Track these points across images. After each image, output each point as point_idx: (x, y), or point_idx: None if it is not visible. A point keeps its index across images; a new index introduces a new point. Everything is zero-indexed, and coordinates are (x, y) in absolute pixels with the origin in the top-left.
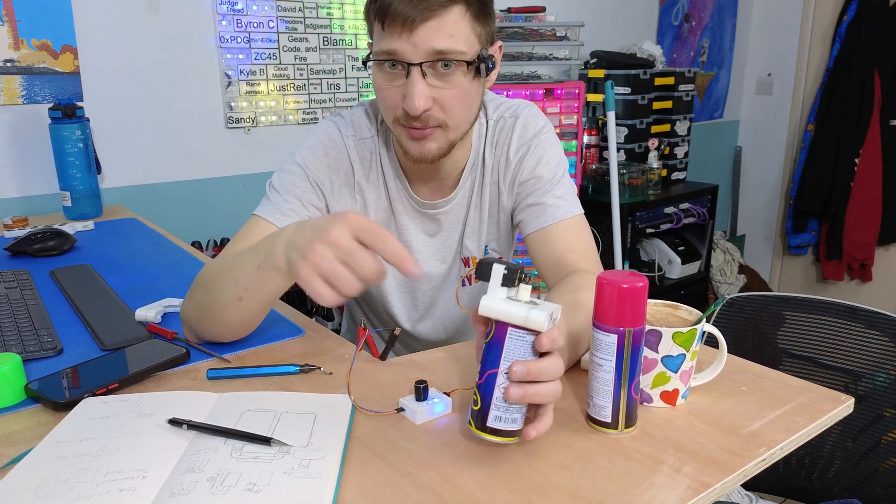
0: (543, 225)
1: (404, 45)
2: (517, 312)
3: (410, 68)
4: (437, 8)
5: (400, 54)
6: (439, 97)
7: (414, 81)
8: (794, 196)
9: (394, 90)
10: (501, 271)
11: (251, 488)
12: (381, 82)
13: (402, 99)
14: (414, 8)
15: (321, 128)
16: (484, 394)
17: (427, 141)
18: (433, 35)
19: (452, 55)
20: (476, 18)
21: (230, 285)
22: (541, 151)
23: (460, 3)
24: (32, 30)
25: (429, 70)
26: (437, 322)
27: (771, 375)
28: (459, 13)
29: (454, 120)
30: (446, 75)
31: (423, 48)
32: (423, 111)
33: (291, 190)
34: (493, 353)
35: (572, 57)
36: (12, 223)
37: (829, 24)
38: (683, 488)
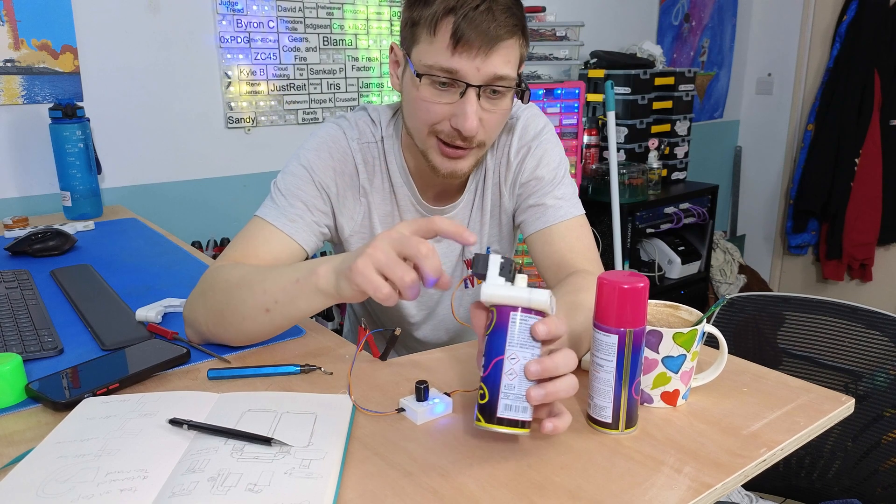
0: (544, 226)
1: (468, 67)
2: (519, 294)
3: (468, 89)
4: (507, 36)
5: (461, 74)
6: (485, 119)
7: (472, 102)
8: (794, 196)
9: (441, 106)
10: (498, 261)
11: (252, 488)
12: (429, 96)
13: (448, 116)
14: (491, 33)
15: (325, 130)
16: (491, 385)
17: (463, 159)
18: (498, 61)
19: (507, 81)
20: (522, 44)
21: (258, 296)
22: (541, 152)
23: (519, 31)
24: (32, 30)
25: (483, 93)
26: (439, 324)
27: (771, 376)
28: (517, 40)
29: (491, 140)
30: (496, 99)
31: (486, 72)
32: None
33: (297, 194)
34: (497, 340)
35: (572, 57)
36: (12, 223)
37: (829, 24)
38: (684, 489)
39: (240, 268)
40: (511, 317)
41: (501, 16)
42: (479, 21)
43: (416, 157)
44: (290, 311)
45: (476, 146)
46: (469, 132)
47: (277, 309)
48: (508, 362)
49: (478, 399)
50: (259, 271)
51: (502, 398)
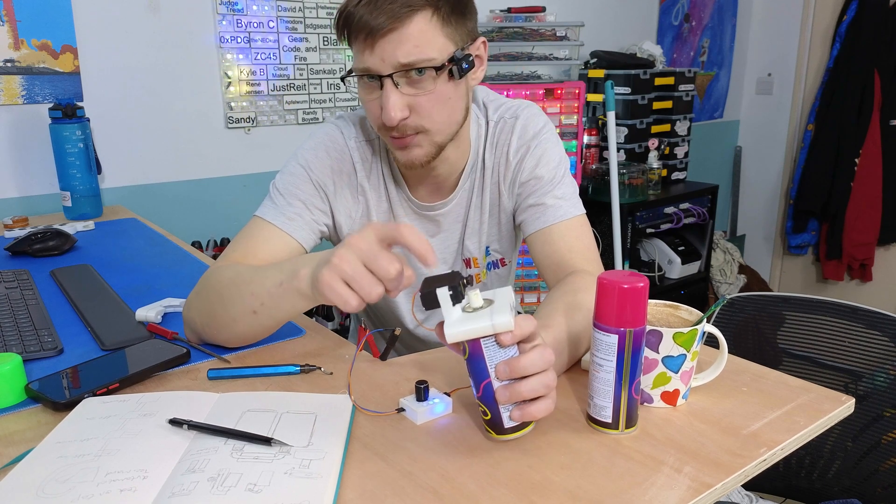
0: (544, 225)
1: (373, 59)
2: (482, 325)
3: (383, 80)
4: (397, 19)
5: (371, 69)
6: (414, 104)
7: (387, 93)
8: (794, 196)
9: (373, 102)
10: (446, 294)
11: (252, 488)
12: (363, 95)
13: (381, 110)
14: (374, 20)
15: (324, 129)
16: (488, 404)
17: (412, 148)
18: (396, 48)
19: (419, 65)
20: (447, 20)
21: (246, 298)
22: (540, 152)
23: (425, 10)
24: (32, 30)
25: (401, 79)
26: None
27: (771, 376)
28: (424, 20)
29: (435, 124)
30: (419, 82)
31: (390, 61)
32: (399, 121)
33: (295, 193)
34: (479, 367)
35: (572, 57)
36: (12, 223)
37: (829, 24)
38: (684, 488)
39: (232, 269)
40: (483, 346)
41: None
42: (363, 12)
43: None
44: (276, 313)
45: (417, 133)
46: (390, 122)
47: (264, 311)
48: (496, 382)
49: (482, 416)
50: (248, 273)
51: (504, 413)
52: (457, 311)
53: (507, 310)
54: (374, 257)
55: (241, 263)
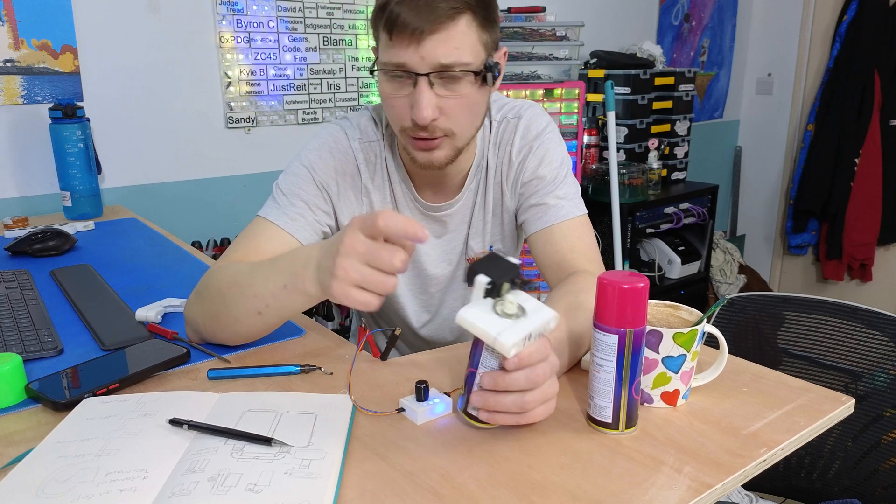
0: (545, 225)
1: (412, 57)
2: (488, 332)
3: (418, 78)
4: (444, 20)
5: (408, 65)
6: (445, 106)
7: (421, 91)
8: (794, 196)
9: (401, 100)
10: (483, 284)
11: (252, 488)
12: (389, 91)
13: (409, 108)
14: (422, 20)
15: (327, 130)
16: (467, 386)
17: (435, 150)
18: (440, 47)
19: (459, 67)
20: (482, 27)
21: (249, 300)
22: (543, 152)
23: (467, 13)
24: (32, 30)
25: (436, 80)
26: (443, 323)
27: (771, 376)
28: (466, 23)
29: (460, 128)
30: (453, 85)
31: (430, 60)
32: (430, 121)
33: (298, 193)
34: (476, 354)
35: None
36: (12, 223)
37: (829, 24)
38: (684, 489)
39: (232, 268)
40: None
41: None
42: (413, 6)
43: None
44: (281, 312)
45: (443, 135)
46: (422, 121)
47: (269, 311)
48: (478, 377)
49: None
50: (248, 273)
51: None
52: (485, 302)
53: (521, 333)
54: (375, 256)
55: (241, 262)
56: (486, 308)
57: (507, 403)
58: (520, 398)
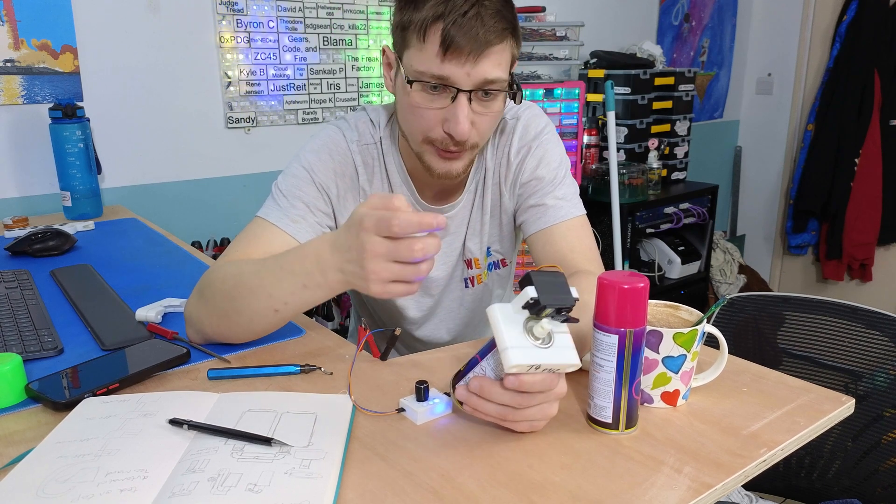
0: (545, 226)
1: (456, 71)
2: (504, 339)
3: (459, 94)
4: (497, 41)
5: (451, 80)
6: (477, 122)
7: (463, 107)
8: (794, 196)
9: (434, 112)
10: (528, 296)
11: (252, 488)
12: (421, 102)
13: (440, 121)
14: (480, 39)
15: (325, 132)
16: (467, 366)
17: (455, 161)
18: (487, 66)
19: (498, 84)
20: (515, 44)
21: (263, 301)
22: (541, 153)
23: (510, 33)
24: (32, 30)
25: (474, 97)
26: (440, 324)
27: (771, 376)
28: (509, 42)
29: (483, 141)
30: (487, 102)
31: (476, 77)
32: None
33: (298, 195)
34: (485, 349)
35: (572, 57)
36: (12, 223)
37: (829, 24)
38: (684, 489)
39: (234, 267)
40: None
41: (490, 21)
42: (469, 27)
43: (412, 157)
44: (300, 308)
45: (469, 148)
46: (461, 136)
47: (287, 309)
48: (479, 369)
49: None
50: (254, 273)
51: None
52: (521, 312)
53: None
54: (398, 254)
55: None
56: (518, 317)
57: (490, 410)
58: (502, 411)
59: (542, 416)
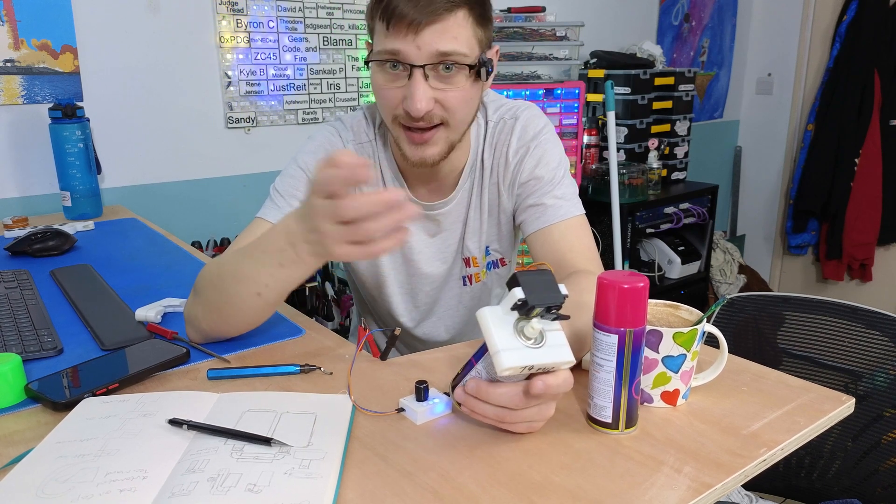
0: (544, 225)
1: (408, 47)
2: (495, 342)
3: (413, 70)
4: (442, 11)
5: (403, 55)
6: (442, 98)
7: (416, 82)
8: (794, 196)
9: (394, 90)
10: (516, 297)
11: (251, 489)
12: (382, 82)
13: (402, 100)
14: (420, 11)
15: (322, 132)
16: (464, 369)
17: (428, 146)
18: (437, 38)
19: (455, 57)
20: (478, 23)
21: (245, 285)
22: (540, 152)
23: (464, 7)
24: (32, 30)
25: (431, 72)
26: (438, 322)
27: (771, 376)
28: (463, 17)
29: (455, 120)
30: (448, 78)
31: (427, 50)
32: (425, 112)
33: (295, 194)
34: (480, 351)
35: (572, 57)
36: (12, 223)
37: (829, 24)
38: (684, 489)
39: (220, 258)
40: None
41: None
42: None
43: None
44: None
45: (439, 125)
46: (416, 113)
47: (269, 292)
48: (474, 371)
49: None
50: (233, 262)
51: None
52: (509, 316)
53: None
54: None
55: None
56: (508, 319)
57: (487, 412)
58: (499, 412)
59: (539, 417)
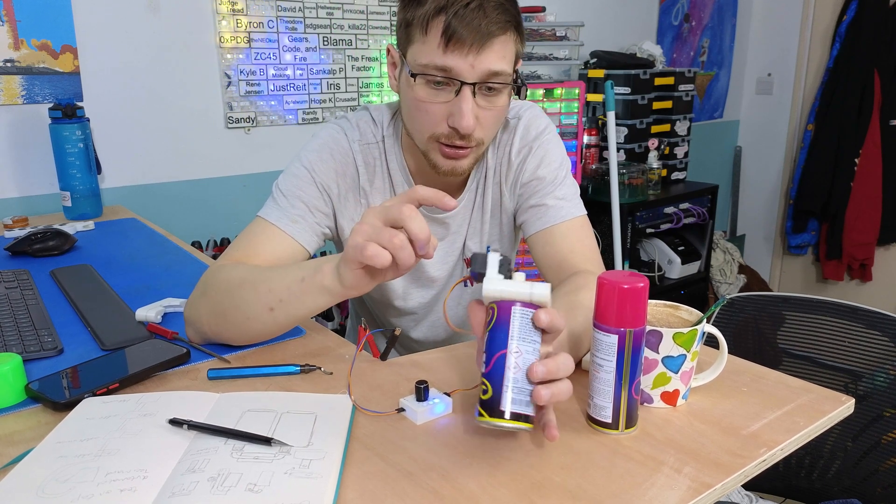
0: (545, 226)
1: (461, 64)
2: (521, 290)
3: (463, 87)
4: (500, 33)
5: (455, 72)
6: (482, 117)
7: (467, 100)
8: (794, 196)
9: (438, 106)
10: (497, 259)
11: (252, 488)
12: (425, 97)
13: (445, 116)
14: (483, 30)
15: (327, 131)
16: (494, 380)
17: (461, 159)
18: (491, 57)
19: (502, 77)
20: (519, 39)
21: (262, 296)
22: (542, 153)
23: (513, 27)
24: (32, 30)
25: (478, 91)
26: (436, 322)
27: (771, 376)
28: (512, 36)
29: (488, 138)
30: (491, 97)
31: (480, 69)
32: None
33: (298, 194)
34: (500, 335)
35: (572, 57)
36: (12, 223)
37: (829, 24)
38: (684, 489)
39: (241, 267)
40: (512, 311)
41: (493, 12)
42: (471, 18)
43: (416, 156)
44: (295, 309)
45: (475, 145)
46: (466, 130)
47: (281, 308)
48: (512, 356)
49: (480, 395)
50: (261, 271)
51: (507, 392)
52: (500, 276)
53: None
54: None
55: (246, 263)
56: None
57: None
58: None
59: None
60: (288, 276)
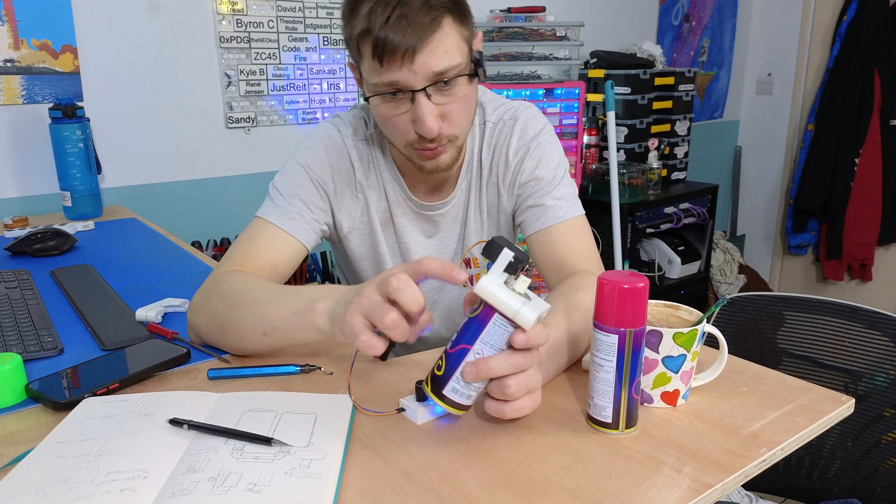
0: (544, 226)
1: (404, 74)
2: (510, 304)
3: (415, 94)
4: (429, 32)
5: (402, 83)
6: (445, 112)
7: (422, 106)
8: (794, 196)
9: (401, 117)
10: (508, 258)
11: (252, 488)
12: (387, 112)
13: (411, 124)
14: (408, 38)
15: (321, 129)
16: (449, 365)
17: (440, 155)
18: (431, 59)
19: (451, 72)
20: (461, 23)
21: (258, 319)
22: (540, 153)
23: (447, 16)
24: (32, 30)
25: (432, 91)
26: (439, 323)
27: (771, 376)
28: (448, 26)
29: (461, 129)
30: (449, 90)
31: (424, 73)
32: (437, 131)
33: (296, 192)
34: (473, 330)
35: (572, 57)
36: (12, 223)
37: (829, 24)
38: (684, 489)
39: (243, 280)
40: (493, 318)
41: (416, 15)
42: (396, 30)
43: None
44: (287, 338)
45: (447, 142)
46: (429, 134)
47: (275, 335)
48: (472, 355)
49: (434, 367)
50: (261, 291)
51: (452, 381)
52: (502, 277)
53: (535, 314)
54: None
55: (252, 273)
56: (501, 283)
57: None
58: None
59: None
60: (284, 305)
